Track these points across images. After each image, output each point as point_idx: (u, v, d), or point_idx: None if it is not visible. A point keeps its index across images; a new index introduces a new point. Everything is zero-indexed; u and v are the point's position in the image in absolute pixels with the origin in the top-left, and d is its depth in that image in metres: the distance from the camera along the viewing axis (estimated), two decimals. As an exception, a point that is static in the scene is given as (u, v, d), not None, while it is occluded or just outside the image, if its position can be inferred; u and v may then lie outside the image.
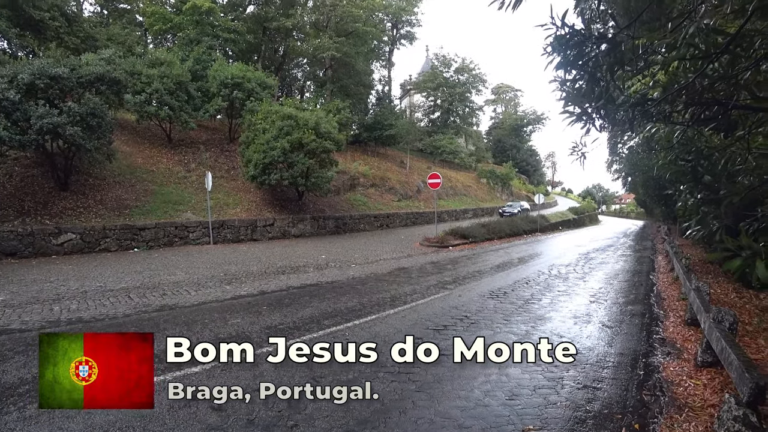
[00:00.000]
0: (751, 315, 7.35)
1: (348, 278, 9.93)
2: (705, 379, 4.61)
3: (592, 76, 2.78)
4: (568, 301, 8.11)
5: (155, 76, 19.10)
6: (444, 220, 28.38)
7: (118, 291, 8.23)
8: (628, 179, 31.88)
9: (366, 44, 37.01)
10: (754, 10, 2.13)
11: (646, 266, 13.51)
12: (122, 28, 28.11)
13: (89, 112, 13.33)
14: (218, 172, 20.59)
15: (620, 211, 79.35)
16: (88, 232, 13.31)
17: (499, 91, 68.20)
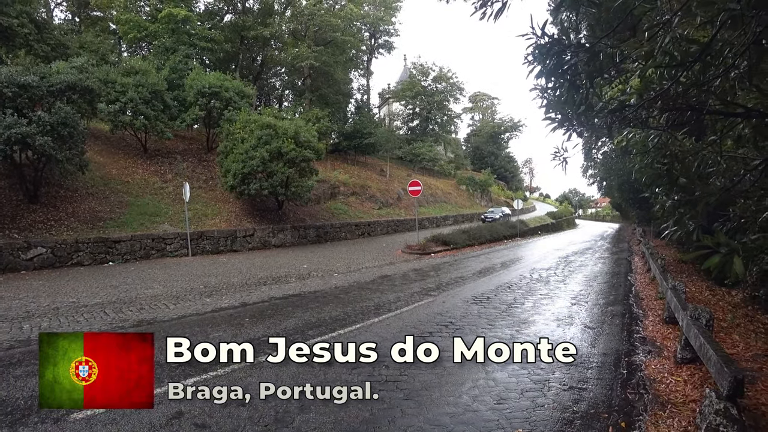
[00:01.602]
0: (724, 312, 7.63)
1: (331, 287, 9.85)
2: (685, 375, 4.74)
3: (572, 84, 2.86)
4: (550, 304, 8.24)
5: (130, 85, 18.69)
6: (425, 227, 28.52)
7: (93, 306, 7.93)
8: (603, 183, 32.72)
9: (344, 53, 37.19)
10: (723, 21, 2.25)
11: (623, 268, 13.87)
12: (95, 35, 27.38)
13: (60, 121, 12.90)
14: (196, 182, 20.20)
15: (596, 214, 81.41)
16: (60, 246, 12.81)
17: (477, 99, 69.35)
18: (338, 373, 4.53)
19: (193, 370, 4.48)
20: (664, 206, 5.93)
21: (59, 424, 3.57)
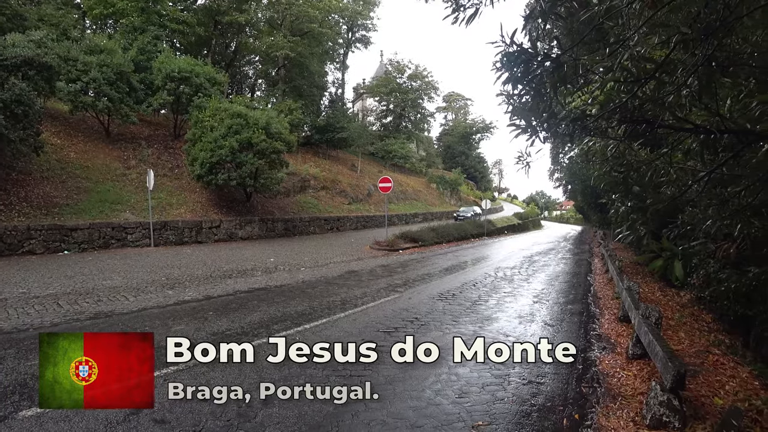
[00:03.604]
0: (673, 311, 8.14)
1: (297, 282, 9.79)
2: (635, 369, 5.04)
3: (537, 92, 2.97)
4: (513, 302, 8.51)
5: (93, 64, 17.77)
6: (394, 223, 28.71)
7: (45, 298, 7.57)
8: (568, 187, 33.88)
9: (321, 45, 36.68)
10: (676, 43, 2.42)
11: (584, 268, 14.47)
12: (56, 8, 25.67)
13: (14, 98, 12.16)
14: (161, 170, 19.50)
15: (561, 216, 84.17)
16: (10, 232, 12.09)
17: (450, 99, 70.12)
18: (302, 368, 4.53)
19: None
20: (618, 211, 6.26)
21: (6, 423, 3.42)
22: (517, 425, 3.74)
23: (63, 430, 3.35)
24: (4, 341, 5.31)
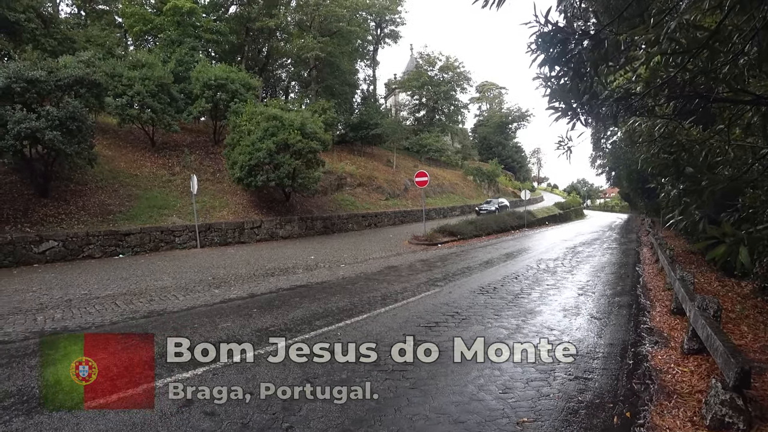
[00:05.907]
0: (733, 303, 7.55)
1: (338, 278, 9.91)
2: (692, 365, 4.72)
3: (576, 73, 2.81)
4: (557, 295, 8.22)
5: (136, 78, 18.76)
6: (432, 218, 28.47)
7: (104, 298, 8.08)
8: (612, 173, 32.40)
9: (350, 44, 36.92)
10: (732, 6, 2.19)
11: (631, 258, 13.77)
12: (101, 29, 27.45)
13: (68, 116, 13.03)
14: (203, 174, 20.33)
15: (605, 205, 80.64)
16: (71, 239, 13.02)
17: (484, 88, 68.66)
18: (345, 364, 4.57)
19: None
20: (669, 196, 5.86)
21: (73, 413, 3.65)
22: (564, 422, 3.59)
23: (120, 420, 3.52)
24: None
